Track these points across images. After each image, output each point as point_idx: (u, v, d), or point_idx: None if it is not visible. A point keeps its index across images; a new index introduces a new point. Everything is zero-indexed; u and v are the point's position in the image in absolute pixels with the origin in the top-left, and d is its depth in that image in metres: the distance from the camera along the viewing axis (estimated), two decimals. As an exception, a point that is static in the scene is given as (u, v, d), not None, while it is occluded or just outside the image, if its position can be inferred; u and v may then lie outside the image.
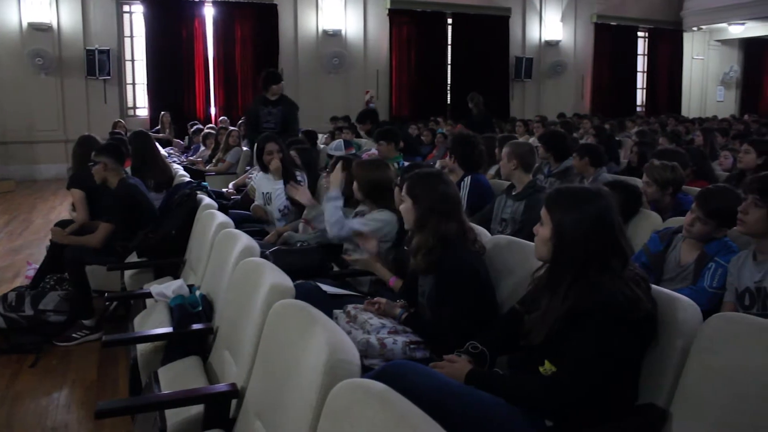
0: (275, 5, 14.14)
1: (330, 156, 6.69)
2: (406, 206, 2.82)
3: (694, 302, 2.40)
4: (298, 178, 4.96)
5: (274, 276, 2.40)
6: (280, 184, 4.90)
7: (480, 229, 2.92)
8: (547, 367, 2.01)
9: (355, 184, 3.80)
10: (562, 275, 2.04)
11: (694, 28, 18.47)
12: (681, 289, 2.95)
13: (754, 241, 2.81)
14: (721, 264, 2.95)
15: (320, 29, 14.52)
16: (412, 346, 2.48)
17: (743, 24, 17.75)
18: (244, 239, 3.01)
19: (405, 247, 3.09)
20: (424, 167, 3.40)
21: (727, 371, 1.86)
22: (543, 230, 2.13)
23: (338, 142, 6.39)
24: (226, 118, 12.93)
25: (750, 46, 19.88)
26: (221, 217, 3.65)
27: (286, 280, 2.37)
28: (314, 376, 1.68)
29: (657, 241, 3.22)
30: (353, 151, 7.47)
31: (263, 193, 5.02)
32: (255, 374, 2.16)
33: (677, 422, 1.96)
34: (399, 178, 3.62)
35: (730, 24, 18.02)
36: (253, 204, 5.14)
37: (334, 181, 3.82)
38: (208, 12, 13.93)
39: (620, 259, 2.02)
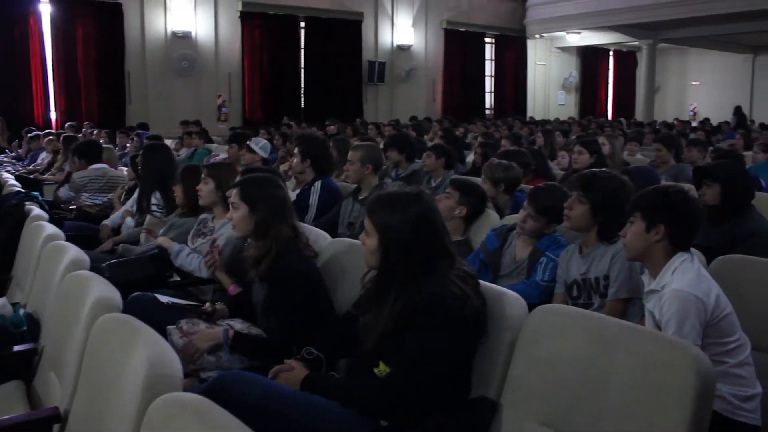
0: (120, 4, 13.48)
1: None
2: (241, 213, 2.72)
3: (528, 295, 2.53)
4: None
5: (101, 289, 2.26)
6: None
7: (318, 232, 2.90)
8: (381, 369, 2.03)
9: (208, 187, 3.66)
10: (390, 280, 2.07)
11: (537, 36, 19.57)
12: (516, 283, 3.08)
13: (580, 236, 2.98)
14: (551, 258, 3.11)
15: (169, 30, 14.00)
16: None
17: (579, 33, 19.03)
18: (72, 251, 2.82)
19: (244, 255, 3.02)
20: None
21: (548, 360, 1.96)
22: (369, 240, 2.14)
23: (265, 142, 6.06)
24: (73, 123, 12.17)
25: (586, 54, 21.32)
26: (50, 228, 3.40)
27: (113, 293, 2.24)
28: (134, 393, 1.60)
29: (493, 239, 3.34)
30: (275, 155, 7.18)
31: None
32: (79, 395, 2.03)
33: (506, 412, 2.04)
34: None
35: (567, 33, 19.26)
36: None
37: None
38: (45, 10, 13.03)
39: (446, 259, 2.07)
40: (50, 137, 9.43)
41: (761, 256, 2.89)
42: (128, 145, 9.41)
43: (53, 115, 13.27)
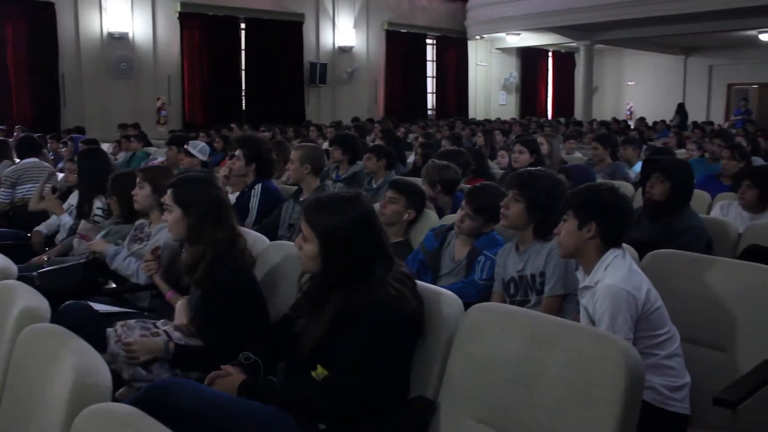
0: (52, 4, 13.06)
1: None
2: (174, 216, 2.62)
3: (466, 294, 2.54)
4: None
5: (28, 299, 2.18)
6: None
7: (256, 236, 2.87)
8: (319, 372, 2.01)
9: (144, 192, 3.56)
10: (328, 283, 2.06)
11: (477, 37, 19.80)
12: (454, 283, 3.11)
13: (516, 234, 3.02)
14: (489, 257, 3.14)
15: (105, 31, 13.64)
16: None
17: (518, 34, 19.34)
18: (-1, 260, 2.72)
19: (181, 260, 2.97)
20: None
21: (485, 358, 1.98)
22: (307, 245, 2.09)
23: (203, 145, 5.91)
24: (3, 127, 11.76)
25: (526, 55, 21.67)
26: (-25, 236, 3.29)
27: (40, 303, 2.16)
28: (60, 404, 1.55)
29: (432, 239, 3.35)
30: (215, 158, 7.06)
31: None
32: (3, 410, 1.94)
33: (444, 411, 2.05)
34: None
35: (507, 34, 19.54)
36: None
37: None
38: (-29, 9, 12.60)
39: (384, 261, 2.07)
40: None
41: (695, 251, 2.99)
42: (62, 150, 9.15)
43: (-19, 120, 12.80)
